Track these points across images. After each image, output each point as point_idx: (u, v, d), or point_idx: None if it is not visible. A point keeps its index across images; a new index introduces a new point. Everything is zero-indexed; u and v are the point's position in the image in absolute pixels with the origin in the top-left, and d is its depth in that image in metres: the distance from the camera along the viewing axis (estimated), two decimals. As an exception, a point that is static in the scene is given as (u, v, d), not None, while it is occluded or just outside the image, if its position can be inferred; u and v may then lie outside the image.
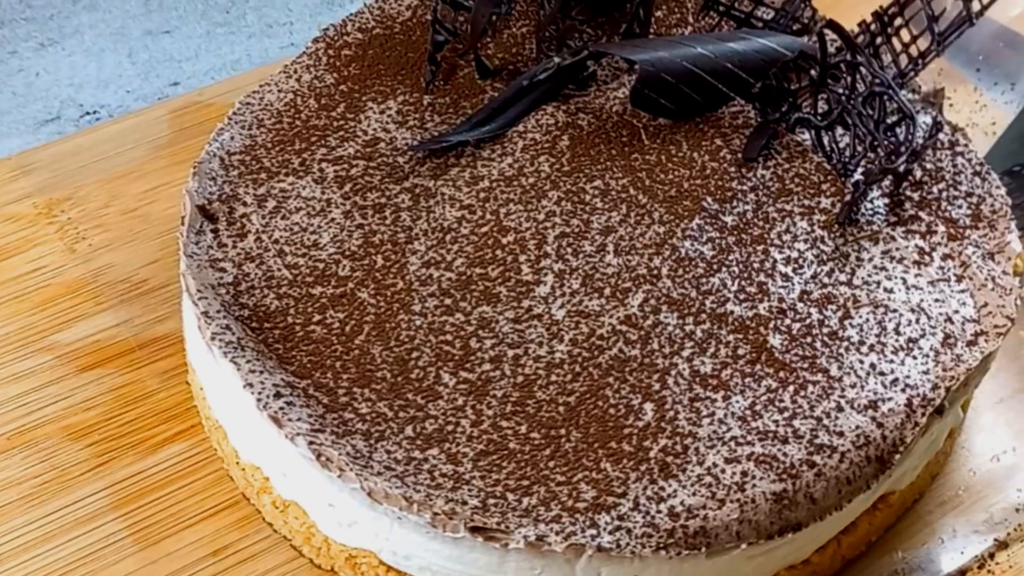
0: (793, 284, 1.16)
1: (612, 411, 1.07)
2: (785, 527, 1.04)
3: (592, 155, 1.26)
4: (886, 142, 1.18)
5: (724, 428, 1.06)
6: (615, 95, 1.31)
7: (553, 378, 1.10)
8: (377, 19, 1.40)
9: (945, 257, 1.19)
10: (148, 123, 1.53)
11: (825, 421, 1.07)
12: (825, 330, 1.13)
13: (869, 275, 1.17)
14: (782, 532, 1.04)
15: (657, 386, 1.09)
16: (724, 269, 1.17)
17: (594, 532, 1.00)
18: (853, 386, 1.09)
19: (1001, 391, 1.31)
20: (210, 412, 1.20)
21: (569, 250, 1.18)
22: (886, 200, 1.23)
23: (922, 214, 1.22)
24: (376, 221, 1.21)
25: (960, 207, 1.22)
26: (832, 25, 1.20)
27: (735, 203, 1.22)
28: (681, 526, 1.01)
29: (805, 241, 1.19)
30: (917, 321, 1.14)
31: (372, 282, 1.16)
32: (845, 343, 1.12)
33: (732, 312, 1.14)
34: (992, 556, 1.19)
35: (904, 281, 1.17)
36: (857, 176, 1.22)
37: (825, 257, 1.18)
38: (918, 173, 1.24)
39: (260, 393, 1.06)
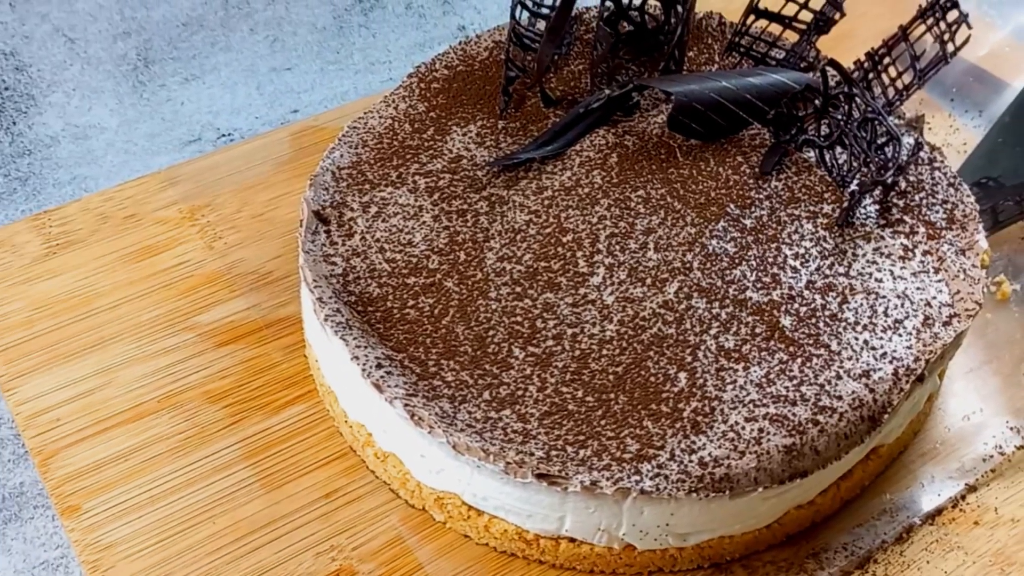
0: (801, 275, 1.15)
1: (652, 379, 1.07)
2: (794, 474, 1.04)
3: (636, 169, 1.25)
4: (877, 159, 1.18)
5: (744, 393, 1.06)
6: (655, 120, 1.31)
7: (604, 352, 1.09)
8: (460, 58, 1.40)
9: (925, 253, 1.18)
10: (273, 143, 1.52)
11: (827, 387, 1.06)
12: (827, 313, 1.12)
13: (863, 268, 1.16)
14: (792, 478, 1.04)
15: (689, 359, 1.09)
16: (744, 263, 1.16)
17: (638, 478, 1.00)
18: (850, 359, 1.09)
19: (970, 363, 1.30)
20: (323, 380, 1.20)
21: (617, 247, 1.17)
22: (877, 206, 1.22)
23: (906, 218, 1.21)
24: (459, 224, 1.20)
25: (937, 212, 1.21)
26: (832, 63, 1.20)
27: (753, 209, 1.21)
28: (709, 473, 1.00)
29: (810, 240, 1.18)
30: (902, 305, 1.13)
31: (456, 273, 1.16)
32: (843, 323, 1.11)
33: (751, 298, 1.13)
34: (964, 498, 1.18)
35: (892, 272, 1.16)
36: (853, 187, 1.21)
37: (827, 253, 1.17)
38: (903, 184, 1.24)
39: (364, 364, 1.07)
